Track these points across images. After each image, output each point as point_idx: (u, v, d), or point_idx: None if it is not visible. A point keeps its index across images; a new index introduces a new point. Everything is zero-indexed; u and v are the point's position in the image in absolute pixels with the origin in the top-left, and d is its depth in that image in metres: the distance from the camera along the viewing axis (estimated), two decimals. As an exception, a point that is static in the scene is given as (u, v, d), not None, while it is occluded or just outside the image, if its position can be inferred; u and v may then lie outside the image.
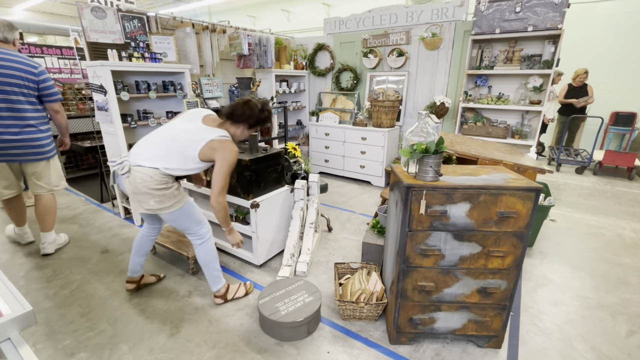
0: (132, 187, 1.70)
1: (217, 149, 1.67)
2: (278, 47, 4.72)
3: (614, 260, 2.59)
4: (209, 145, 1.67)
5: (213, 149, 1.67)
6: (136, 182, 1.67)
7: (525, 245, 1.51)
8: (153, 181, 1.67)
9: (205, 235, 1.94)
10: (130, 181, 1.69)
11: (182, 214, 1.82)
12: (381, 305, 1.84)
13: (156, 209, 1.74)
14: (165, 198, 1.72)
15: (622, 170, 5.07)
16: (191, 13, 9.78)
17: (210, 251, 1.96)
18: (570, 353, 1.71)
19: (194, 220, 1.89)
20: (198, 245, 1.94)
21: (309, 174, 2.74)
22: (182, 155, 1.70)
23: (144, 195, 1.69)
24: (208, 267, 1.97)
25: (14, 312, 0.74)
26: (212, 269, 1.98)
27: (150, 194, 1.69)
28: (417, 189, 1.44)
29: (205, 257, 1.95)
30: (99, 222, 3.23)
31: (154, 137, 1.77)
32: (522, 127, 3.64)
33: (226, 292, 2.06)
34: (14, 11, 8.93)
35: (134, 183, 1.68)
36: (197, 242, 1.93)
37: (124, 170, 1.69)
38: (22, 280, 2.30)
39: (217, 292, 2.04)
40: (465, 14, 3.80)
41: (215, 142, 1.68)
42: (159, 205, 1.73)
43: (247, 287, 2.15)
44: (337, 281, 2.09)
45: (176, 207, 1.77)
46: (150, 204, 1.72)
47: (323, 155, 4.74)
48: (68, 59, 4.49)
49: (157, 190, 1.69)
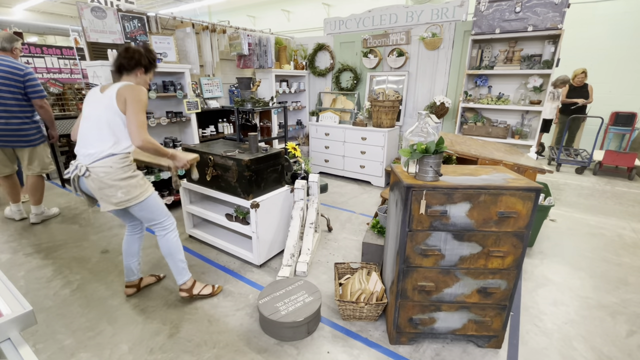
0: (97, 184, 1.69)
1: (124, 93, 1.64)
2: (278, 47, 4.72)
3: (614, 260, 2.59)
4: (118, 95, 1.64)
5: (122, 95, 1.64)
6: (99, 177, 1.67)
7: (525, 245, 1.51)
8: (115, 170, 1.68)
9: (169, 227, 1.95)
10: (92, 179, 1.68)
11: (149, 204, 1.82)
12: (381, 305, 1.84)
13: (125, 200, 1.72)
14: (131, 188, 1.73)
15: (622, 170, 5.07)
16: (191, 13, 9.78)
17: (174, 241, 1.97)
18: (570, 353, 1.71)
19: (160, 210, 1.91)
20: (162, 237, 1.94)
21: (309, 174, 2.74)
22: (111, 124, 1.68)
23: (110, 188, 1.69)
24: (172, 257, 1.97)
25: (14, 312, 0.74)
26: (177, 260, 1.98)
27: (117, 186, 1.69)
28: (417, 189, 1.44)
29: (170, 247, 1.95)
30: (99, 222, 3.23)
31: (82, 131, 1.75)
32: (522, 127, 3.64)
33: (192, 286, 2.05)
34: (14, 11, 8.93)
35: (98, 179, 1.68)
36: (161, 234, 1.94)
37: (82, 172, 1.68)
38: (22, 280, 2.30)
39: (183, 285, 2.02)
40: (465, 14, 3.80)
41: (121, 89, 1.66)
42: (126, 196, 1.72)
43: (214, 288, 2.14)
44: (337, 281, 2.09)
45: (144, 197, 1.78)
46: (118, 196, 1.71)
47: (323, 155, 4.75)
48: (68, 59, 4.49)
49: (123, 180, 1.70)
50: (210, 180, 2.46)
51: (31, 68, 2.98)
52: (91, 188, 1.73)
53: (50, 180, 4.56)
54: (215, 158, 2.35)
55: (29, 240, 2.87)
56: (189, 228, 2.89)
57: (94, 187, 1.71)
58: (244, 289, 2.22)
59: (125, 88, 1.67)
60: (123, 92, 1.66)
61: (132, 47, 1.77)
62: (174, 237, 1.97)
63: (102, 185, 1.69)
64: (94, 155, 1.67)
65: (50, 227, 3.14)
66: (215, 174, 2.40)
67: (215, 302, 2.08)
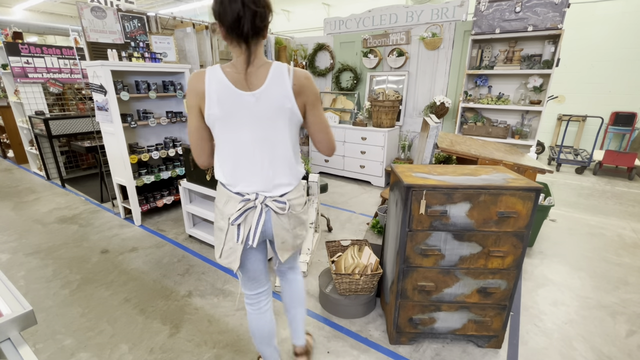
0: (292, 222, 1.21)
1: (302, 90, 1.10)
2: (278, 47, 4.72)
3: (614, 260, 2.59)
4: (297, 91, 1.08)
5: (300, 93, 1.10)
6: (299, 213, 1.23)
7: (525, 245, 1.51)
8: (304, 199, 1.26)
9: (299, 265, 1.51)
10: (290, 215, 1.19)
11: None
12: (377, 276, 1.86)
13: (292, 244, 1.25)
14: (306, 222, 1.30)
15: (622, 170, 5.07)
16: (191, 13, 9.78)
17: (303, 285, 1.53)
18: (570, 353, 1.71)
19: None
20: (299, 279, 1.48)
21: (309, 174, 2.74)
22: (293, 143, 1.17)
23: (302, 226, 1.26)
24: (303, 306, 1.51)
25: (14, 312, 0.74)
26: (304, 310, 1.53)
27: (307, 220, 1.29)
28: (417, 189, 1.44)
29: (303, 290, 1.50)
30: (99, 222, 3.23)
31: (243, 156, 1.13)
32: (522, 127, 3.63)
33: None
34: (14, 11, 8.93)
35: (297, 215, 1.22)
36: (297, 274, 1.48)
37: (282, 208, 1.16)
38: (22, 280, 2.30)
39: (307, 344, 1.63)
40: (465, 14, 3.79)
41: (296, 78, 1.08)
42: (296, 240, 1.26)
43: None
44: (330, 259, 2.11)
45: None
46: (303, 234, 1.28)
47: (323, 155, 4.75)
48: (68, 59, 4.48)
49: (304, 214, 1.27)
50: (210, 180, 2.46)
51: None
52: (281, 229, 1.19)
53: (50, 180, 4.56)
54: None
55: (29, 240, 2.87)
56: (189, 228, 2.88)
57: (288, 227, 1.20)
58: (244, 289, 2.22)
59: (303, 80, 1.09)
60: (303, 87, 1.09)
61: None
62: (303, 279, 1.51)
63: (298, 222, 1.23)
64: (287, 185, 1.18)
65: (50, 227, 3.14)
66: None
67: (215, 302, 2.08)
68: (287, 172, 1.17)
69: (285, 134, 1.12)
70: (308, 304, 2.07)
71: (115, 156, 3.03)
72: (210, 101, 1.05)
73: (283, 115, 1.08)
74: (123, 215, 3.32)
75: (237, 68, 1.06)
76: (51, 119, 4.07)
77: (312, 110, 1.14)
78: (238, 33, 0.99)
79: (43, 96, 4.40)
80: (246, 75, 1.05)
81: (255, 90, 1.05)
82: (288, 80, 1.06)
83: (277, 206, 1.15)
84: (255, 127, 1.08)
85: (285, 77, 1.06)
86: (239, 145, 1.11)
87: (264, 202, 1.14)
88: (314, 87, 1.12)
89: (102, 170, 3.60)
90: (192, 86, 1.07)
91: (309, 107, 1.13)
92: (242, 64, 1.05)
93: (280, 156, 1.14)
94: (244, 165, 1.13)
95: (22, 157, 5.35)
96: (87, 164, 5.12)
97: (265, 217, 1.16)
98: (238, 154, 1.12)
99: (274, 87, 1.06)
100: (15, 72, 4.10)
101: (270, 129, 1.09)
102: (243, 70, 1.05)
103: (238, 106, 1.06)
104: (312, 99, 1.12)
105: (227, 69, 1.06)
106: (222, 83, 1.05)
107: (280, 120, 1.09)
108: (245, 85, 1.05)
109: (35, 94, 4.32)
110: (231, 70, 1.06)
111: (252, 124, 1.08)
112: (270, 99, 1.06)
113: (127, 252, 2.68)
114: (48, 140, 4.25)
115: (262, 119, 1.08)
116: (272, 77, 1.06)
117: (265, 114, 1.07)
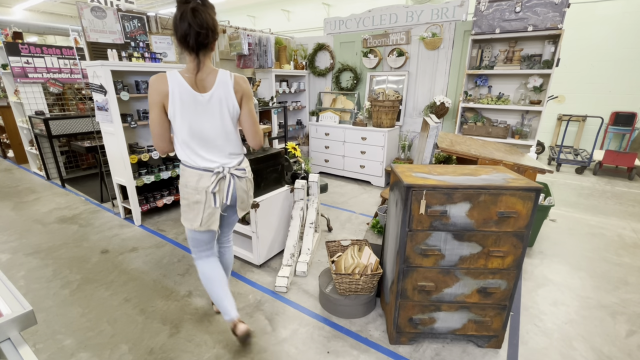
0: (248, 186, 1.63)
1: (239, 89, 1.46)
2: (278, 47, 4.72)
3: (614, 260, 2.59)
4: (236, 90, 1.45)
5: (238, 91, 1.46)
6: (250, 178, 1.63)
7: (525, 245, 1.51)
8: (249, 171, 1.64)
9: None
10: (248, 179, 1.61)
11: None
12: (377, 276, 1.86)
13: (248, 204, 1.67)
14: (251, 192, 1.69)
15: (622, 170, 5.07)
16: (191, 13, 9.76)
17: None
18: (570, 353, 1.71)
19: None
20: (230, 248, 1.89)
21: (309, 174, 2.74)
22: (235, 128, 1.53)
23: (252, 186, 1.68)
24: (229, 272, 1.92)
25: (14, 312, 0.74)
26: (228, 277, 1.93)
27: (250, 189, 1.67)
28: (417, 189, 1.44)
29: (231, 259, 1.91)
30: (99, 222, 3.23)
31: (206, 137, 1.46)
32: (522, 127, 3.63)
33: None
34: (14, 11, 8.92)
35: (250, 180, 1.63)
36: (230, 245, 1.89)
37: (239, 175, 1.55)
38: (22, 280, 2.30)
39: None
40: (465, 14, 3.79)
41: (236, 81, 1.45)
42: (250, 199, 1.67)
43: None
44: (330, 259, 2.11)
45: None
46: (252, 195, 1.69)
47: (323, 155, 4.74)
48: (68, 58, 4.48)
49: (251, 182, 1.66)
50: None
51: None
52: (238, 194, 1.58)
53: (50, 180, 4.56)
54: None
55: (29, 240, 2.87)
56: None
57: (246, 189, 1.61)
58: (244, 289, 2.22)
59: (241, 81, 1.46)
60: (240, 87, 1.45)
61: (198, 8, 1.29)
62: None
63: (248, 186, 1.62)
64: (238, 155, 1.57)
65: (50, 227, 3.14)
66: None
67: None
68: (236, 148, 1.56)
69: (229, 122, 1.49)
70: (308, 303, 2.08)
71: (115, 156, 3.03)
72: (174, 99, 1.36)
73: (227, 109, 1.45)
74: (123, 215, 3.32)
75: (190, 72, 1.39)
76: (51, 119, 4.07)
77: (245, 105, 1.50)
78: (185, 45, 1.33)
79: (43, 96, 4.40)
80: (197, 80, 1.39)
81: (207, 93, 1.40)
82: (230, 84, 1.43)
83: (239, 173, 1.55)
84: (210, 118, 1.44)
85: (228, 82, 1.43)
86: (199, 133, 1.44)
87: (230, 171, 1.52)
88: (248, 88, 1.49)
89: (102, 170, 3.59)
90: (156, 87, 1.35)
91: (244, 102, 1.49)
92: (192, 70, 1.38)
93: (230, 137, 1.51)
94: (205, 147, 1.47)
95: (22, 157, 5.35)
96: (87, 164, 5.12)
97: (233, 183, 1.53)
98: (198, 139, 1.45)
99: (221, 89, 1.42)
100: (15, 72, 4.10)
101: (220, 119, 1.45)
102: (194, 76, 1.39)
103: (196, 103, 1.39)
104: (247, 96, 1.49)
105: (185, 74, 1.38)
106: (182, 85, 1.36)
107: (226, 113, 1.46)
108: (198, 88, 1.39)
109: (35, 94, 4.32)
110: (188, 75, 1.38)
111: (207, 116, 1.43)
112: (219, 98, 1.42)
113: (127, 252, 2.68)
114: (48, 140, 4.25)
115: (215, 112, 1.43)
116: (219, 82, 1.42)
117: (216, 109, 1.43)
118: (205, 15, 1.30)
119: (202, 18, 1.28)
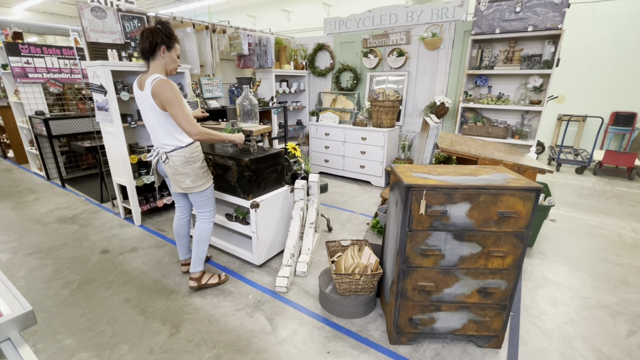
0: (172, 170, 1.94)
1: (158, 95, 1.75)
2: (278, 47, 4.72)
3: (614, 260, 2.59)
4: (154, 98, 1.76)
5: (157, 97, 1.75)
6: (175, 165, 1.92)
7: (525, 245, 1.51)
8: (187, 160, 1.92)
9: (210, 218, 2.16)
10: (169, 165, 1.93)
11: (205, 195, 2.07)
12: (377, 276, 1.86)
13: (190, 187, 1.97)
14: (197, 178, 1.97)
15: (622, 170, 5.07)
16: (191, 13, 9.78)
17: (208, 232, 2.16)
18: (570, 353, 1.71)
19: (210, 202, 2.13)
20: (201, 222, 2.14)
21: (309, 174, 2.74)
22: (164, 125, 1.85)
23: (182, 175, 1.94)
24: (199, 244, 2.16)
25: (14, 312, 0.74)
26: (200, 250, 2.17)
27: (187, 174, 1.94)
28: (417, 189, 1.44)
29: (202, 234, 2.15)
30: (99, 222, 3.23)
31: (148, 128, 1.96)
32: (522, 127, 3.63)
33: (201, 276, 2.21)
34: (14, 11, 8.92)
35: (174, 166, 1.92)
36: (201, 219, 2.14)
37: (163, 159, 1.93)
38: (22, 280, 2.30)
39: (193, 275, 2.19)
40: (465, 14, 3.79)
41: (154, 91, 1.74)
42: (192, 184, 1.97)
43: (221, 277, 2.27)
44: (330, 259, 2.11)
45: (204, 187, 2.02)
46: (186, 183, 1.96)
47: (323, 155, 4.74)
48: (68, 59, 4.48)
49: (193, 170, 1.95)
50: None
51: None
52: (167, 172, 1.98)
53: (50, 180, 4.56)
54: (215, 158, 2.34)
55: (29, 240, 2.87)
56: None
57: (169, 172, 1.96)
58: (244, 289, 2.22)
59: (156, 89, 1.74)
60: (156, 93, 1.75)
61: (147, 29, 1.78)
62: (209, 228, 2.17)
63: (175, 171, 1.93)
64: (170, 146, 1.90)
65: (50, 227, 3.14)
66: (215, 173, 2.40)
67: (215, 302, 2.08)
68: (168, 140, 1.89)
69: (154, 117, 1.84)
70: (308, 303, 2.08)
71: (115, 156, 3.03)
72: None
73: (150, 108, 1.81)
74: (123, 215, 3.32)
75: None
76: (51, 119, 4.07)
77: (168, 108, 1.78)
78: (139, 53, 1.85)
79: (43, 96, 4.40)
80: (140, 81, 1.85)
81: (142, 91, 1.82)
82: (149, 88, 1.75)
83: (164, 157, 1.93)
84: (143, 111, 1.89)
85: (149, 86, 1.76)
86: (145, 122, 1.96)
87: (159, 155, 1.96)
88: (164, 93, 1.74)
89: (102, 170, 3.59)
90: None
91: (165, 106, 1.78)
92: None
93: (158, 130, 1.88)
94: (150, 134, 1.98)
95: (22, 157, 5.35)
96: (87, 164, 5.12)
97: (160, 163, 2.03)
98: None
99: (147, 91, 1.78)
100: (15, 72, 4.10)
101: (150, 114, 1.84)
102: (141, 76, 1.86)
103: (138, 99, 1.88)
104: (164, 100, 1.75)
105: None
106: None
107: (151, 111, 1.82)
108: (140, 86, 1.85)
109: (35, 94, 4.32)
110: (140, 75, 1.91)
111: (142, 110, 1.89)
112: (145, 97, 1.80)
113: (127, 252, 2.68)
114: (48, 140, 4.25)
115: (146, 108, 1.84)
116: (147, 84, 1.77)
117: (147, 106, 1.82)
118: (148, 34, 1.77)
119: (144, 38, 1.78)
